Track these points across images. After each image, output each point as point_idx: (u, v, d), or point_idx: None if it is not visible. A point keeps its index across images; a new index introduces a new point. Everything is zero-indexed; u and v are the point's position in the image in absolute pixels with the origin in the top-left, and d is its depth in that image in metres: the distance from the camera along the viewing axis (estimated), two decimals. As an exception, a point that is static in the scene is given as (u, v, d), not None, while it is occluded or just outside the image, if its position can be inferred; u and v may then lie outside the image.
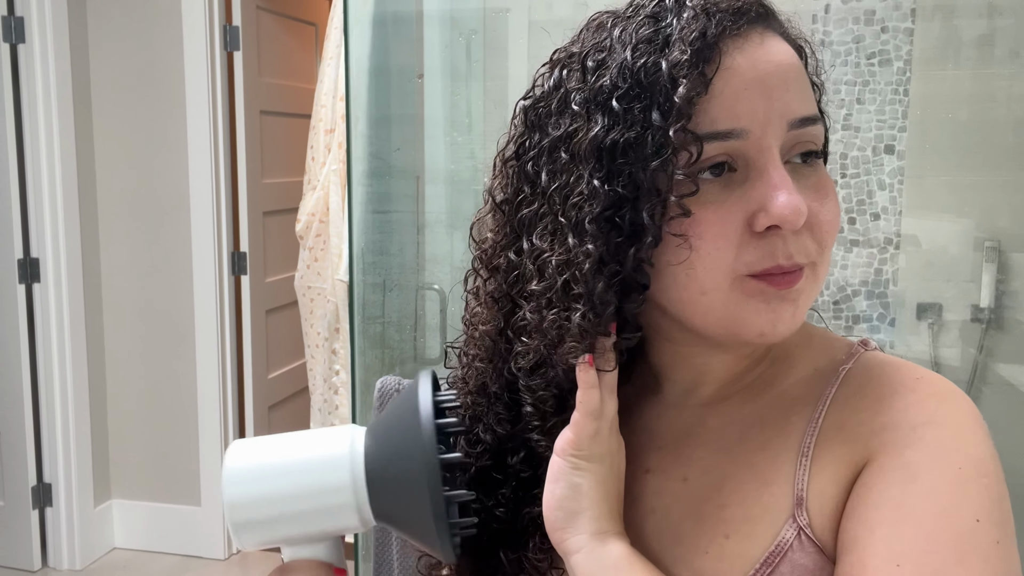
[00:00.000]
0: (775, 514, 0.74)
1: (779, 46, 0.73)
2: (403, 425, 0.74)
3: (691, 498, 0.80)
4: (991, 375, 2.26)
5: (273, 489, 0.73)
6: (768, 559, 0.73)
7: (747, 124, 0.70)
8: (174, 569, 4.02)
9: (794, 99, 0.72)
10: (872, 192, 2.27)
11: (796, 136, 0.72)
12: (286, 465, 0.74)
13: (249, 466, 0.74)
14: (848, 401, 0.76)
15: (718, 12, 0.71)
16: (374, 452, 0.74)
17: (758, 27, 0.73)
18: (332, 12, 3.49)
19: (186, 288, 3.98)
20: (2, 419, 3.91)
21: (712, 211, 0.71)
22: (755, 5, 0.74)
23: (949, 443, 0.70)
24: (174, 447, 4.10)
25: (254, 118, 4.12)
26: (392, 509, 0.74)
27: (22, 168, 3.79)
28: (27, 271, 3.82)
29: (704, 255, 0.71)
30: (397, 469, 0.73)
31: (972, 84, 2.23)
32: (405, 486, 0.72)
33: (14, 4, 3.67)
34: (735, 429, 0.81)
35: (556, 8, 2.46)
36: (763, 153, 0.70)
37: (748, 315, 0.73)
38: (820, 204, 0.73)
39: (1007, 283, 2.24)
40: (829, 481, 0.73)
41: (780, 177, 0.70)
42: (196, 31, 3.79)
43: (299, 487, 0.74)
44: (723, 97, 0.70)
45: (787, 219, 0.69)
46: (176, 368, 4.05)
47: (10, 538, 3.97)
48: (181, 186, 3.91)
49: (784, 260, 0.71)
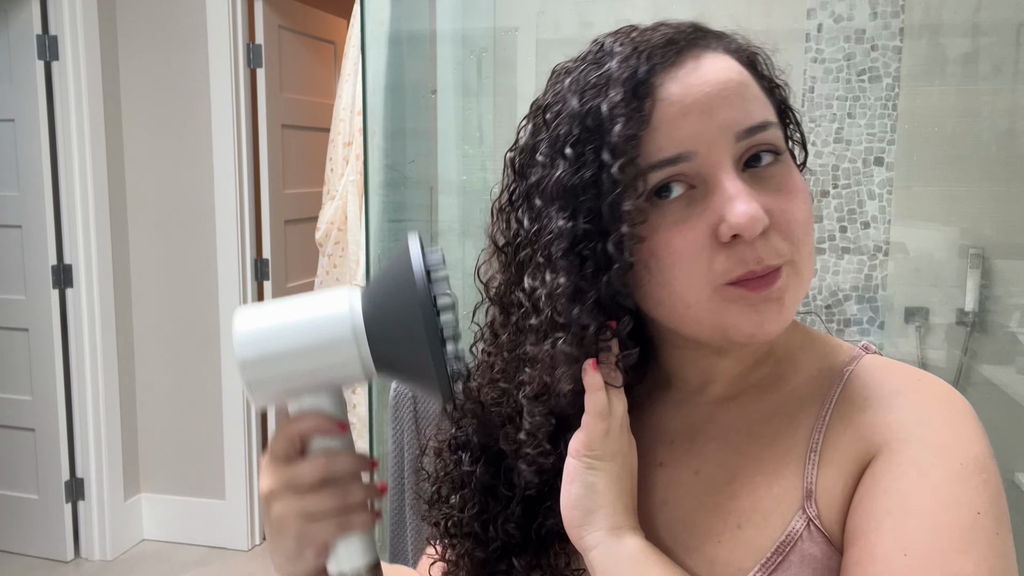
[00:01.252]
0: (785, 506, 0.75)
1: (717, 64, 0.73)
2: (394, 274, 0.74)
3: (703, 490, 0.80)
4: (975, 376, 2.25)
5: (281, 347, 0.74)
6: (779, 548, 0.73)
7: (691, 146, 0.70)
8: (200, 560, 4.02)
9: (737, 112, 0.72)
10: (862, 202, 2.26)
11: (748, 144, 0.72)
12: (291, 325, 0.75)
13: (257, 328, 0.75)
14: (853, 400, 0.77)
15: (649, 48, 0.72)
16: (371, 305, 0.75)
17: (693, 51, 0.73)
18: (350, 31, 3.49)
19: (211, 293, 3.99)
20: (37, 417, 3.93)
21: (678, 231, 0.72)
22: (687, 33, 0.75)
23: (951, 440, 0.70)
24: (200, 444, 4.11)
25: (276, 132, 4.12)
26: (391, 355, 0.75)
27: (56, 179, 3.80)
28: (60, 277, 3.83)
29: (679, 272, 0.72)
30: (392, 314, 0.74)
31: (957, 99, 2.22)
32: (401, 328, 0.73)
33: (48, 23, 3.68)
34: (744, 426, 0.81)
35: (562, 28, 2.45)
36: (715, 168, 0.71)
37: (735, 320, 0.73)
38: (785, 202, 0.73)
39: (990, 288, 2.23)
40: (836, 475, 0.74)
41: (735, 187, 0.70)
42: (221, 49, 3.80)
43: (304, 343, 0.74)
44: (664, 126, 0.71)
45: (744, 227, 0.69)
46: (202, 369, 4.06)
47: (44, 530, 3.98)
48: (207, 196, 3.92)
49: (755, 265, 0.71)
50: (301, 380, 0.76)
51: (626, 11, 2.39)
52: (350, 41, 3.45)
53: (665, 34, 0.74)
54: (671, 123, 0.71)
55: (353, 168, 3.45)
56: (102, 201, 3.84)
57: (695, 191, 0.72)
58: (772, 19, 2.31)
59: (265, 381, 0.75)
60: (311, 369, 0.75)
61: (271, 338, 0.75)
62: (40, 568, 3.91)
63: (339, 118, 3.53)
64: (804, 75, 2.26)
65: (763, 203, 0.71)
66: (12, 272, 3.88)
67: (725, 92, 0.71)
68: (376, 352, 0.74)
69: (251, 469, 4.10)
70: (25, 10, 3.65)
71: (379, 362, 0.75)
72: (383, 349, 0.74)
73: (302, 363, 0.75)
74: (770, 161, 0.73)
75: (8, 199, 3.83)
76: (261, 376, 0.75)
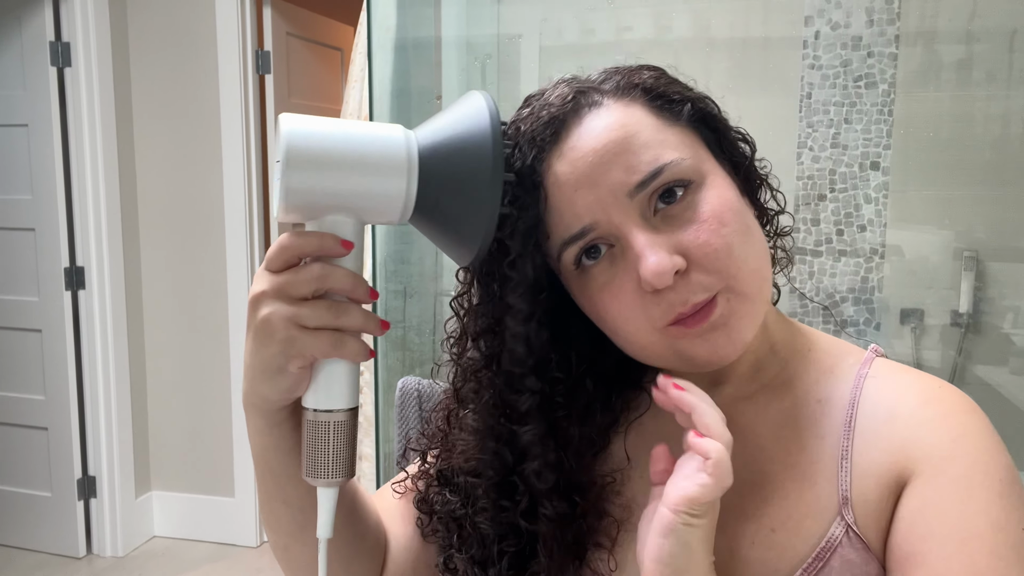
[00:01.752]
0: (820, 512, 0.75)
1: (597, 124, 0.73)
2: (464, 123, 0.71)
3: (732, 493, 0.75)
4: (969, 376, 2.25)
5: (333, 155, 0.68)
6: (820, 554, 0.74)
7: (591, 218, 0.72)
8: (209, 556, 4.02)
9: (622, 172, 0.71)
10: (859, 205, 2.26)
11: (646, 194, 0.71)
12: (347, 135, 0.69)
13: (311, 128, 0.68)
14: (878, 409, 0.77)
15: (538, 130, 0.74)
16: (431, 145, 0.71)
17: (576, 118, 0.74)
18: (357, 38, 3.48)
19: (221, 295, 3.99)
20: (50, 416, 3.93)
21: (608, 292, 0.73)
22: (567, 101, 0.74)
23: (985, 455, 0.72)
24: (210, 443, 4.11)
25: (284, 136, 4.12)
26: (439, 198, 0.70)
27: (68, 183, 3.81)
28: (73, 279, 3.84)
29: (623, 325, 0.74)
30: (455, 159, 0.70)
31: (952, 105, 2.21)
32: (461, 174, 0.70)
33: (61, 30, 3.69)
34: (767, 429, 0.81)
35: (565, 34, 2.44)
36: (619, 229, 0.71)
37: (689, 350, 0.73)
38: (702, 233, 0.71)
39: (984, 290, 2.22)
40: (872, 484, 0.74)
41: (639, 243, 0.70)
42: (230, 55, 3.81)
43: (357, 157, 0.68)
44: (562, 206, 0.72)
45: (654, 283, 0.69)
46: (212, 370, 4.06)
47: (57, 527, 3.98)
48: (216, 199, 3.92)
49: (682, 307, 0.71)
50: (338, 198, 0.69)
51: (627, 19, 2.39)
52: (357, 48, 3.45)
53: (549, 112, 0.74)
54: (567, 202, 0.72)
55: (359, 172, 3.45)
56: (114, 204, 3.85)
57: (615, 248, 0.73)
58: (770, 27, 2.31)
59: (304, 188, 0.68)
60: (353, 187, 0.69)
61: (325, 142, 0.68)
62: (53, 564, 3.92)
63: (346, 123, 3.53)
64: (802, 81, 2.26)
65: (677, 243, 0.71)
66: (26, 274, 3.89)
67: (607, 156, 0.71)
68: (423, 191, 0.70)
69: (259, 467, 4.09)
70: (38, 17, 3.66)
71: (421, 202, 0.71)
72: (432, 190, 0.70)
73: (348, 178, 0.69)
74: (680, 195, 0.72)
75: (22, 202, 3.84)
76: (303, 181, 0.68)
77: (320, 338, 0.69)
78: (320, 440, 0.72)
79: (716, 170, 0.75)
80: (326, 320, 0.69)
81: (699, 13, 2.36)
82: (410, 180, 0.70)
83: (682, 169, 0.72)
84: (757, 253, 0.74)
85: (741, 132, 0.81)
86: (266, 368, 0.71)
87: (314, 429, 0.72)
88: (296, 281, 0.69)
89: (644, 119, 0.73)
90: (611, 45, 2.41)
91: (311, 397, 0.73)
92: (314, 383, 0.73)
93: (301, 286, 0.69)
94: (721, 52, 2.33)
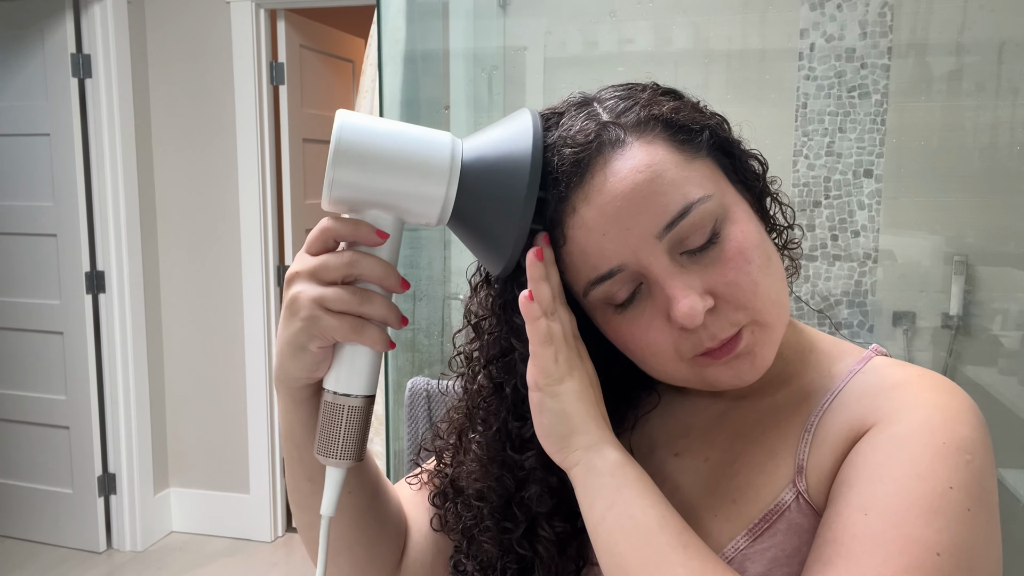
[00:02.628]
0: (777, 480, 0.75)
1: (623, 167, 0.70)
2: (509, 139, 0.71)
3: (710, 475, 0.80)
4: (960, 376, 2.24)
5: (381, 152, 0.69)
6: (766, 516, 0.74)
7: (619, 260, 0.70)
8: (225, 550, 4.03)
9: (651, 215, 0.69)
10: (853, 212, 2.26)
11: (674, 235, 0.70)
12: (397, 134, 0.70)
13: (363, 124, 0.69)
14: (854, 391, 0.77)
15: (563, 170, 0.71)
16: (475, 155, 0.71)
17: (599, 159, 0.71)
18: (367, 50, 3.47)
19: (236, 298, 4.00)
20: (71, 415, 3.94)
21: (638, 328, 0.73)
22: (590, 139, 0.71)
23: (938, 423, 0.69)
24: (226, 441, 4.12)
25: (297, 145, 4.13)
26: (476, 207, 0.71)
27: (89, 190, 3.81)
28: (94, 283, 3.85)
29: (650, 357, 0.74)
30: (496, 172, 0.70)
31: (942, 115, 2.21)
32: (501, 188, 0.69)
33: (82, 43, 3.70)
34: (754, 417, 0.82)
35: (568, 46, 2.44)
36: (648, 269, 0.70)
37: (713, 376, 0.73)
38: (728, 272, 0.71)
39: (974, 293, 2.23)
40: (828, 452, 0.74)
41: (670, 287, 0.70)
42: (245, 67, 3.82)
43: (404, 157, 0.69)
44: (588, 248, 0.71)
45: (686, 324, 0.69)
46: (228, 371, 4.07)
47: (78, 523, 4.00)
48: (232, 206, 3.93)
49: (710, 342, 0.71)
50: (380, 195, 0.70)
51: (629, 32, 2.39)
52: (367, 59, 3.44)
53: (573, 153, 0.71)
54: (595, 245, 0.70)
55: (370, 180, 3.45)
56: (133, 210, 3.86)
57: (643, 286, 0.72)
58: (767, 39, 2.31)
59: (349, 182, 0.70)
60: (395, 186, 0.70)
61: (374, 140, 0.69)
62: (74, 559, 3.93)
63: (357, 132, 3.52)
64: (798, 92, 2.27)
65: (705, 282, 0.70)
66: (48, 278, 3.90)
67: (635, 199, 0.69)
68: (461, 198, 0.71)
69: (274, 465, 4.10)
70: (60, 30, 3.67)
71: (459, 209, 0.71)
72: (470, 199, 0.71)
73: (391, 177, 0.70)
74: (704, 240, 0.71)
75: (44, 209, 3.85)
76: (349, 176, 0.69)
77: (341, 321, 0.70)
78: (334, 421, 0.74)
79: (736, 200, 0.74)
80: (349, 305, 0.70)
81: (698, 26, 2.37)
82: (450, 186, 0.70)
83: (708, 208, 0.70)
84: (778, 283, 0.74)
85: (754, 152, 0.80)
86: (290, 344, 0.72)
87: (330, 409, 0.74)
88: (327, 265, 0.71)
89: (667, 157, 0.71)
90: (613, 57, 2.41)
91: (331, 378, 0.74)
92: (335, 365, 0.74)
93: (332, 271, 0.71)
94: (719, 64, 2.34)
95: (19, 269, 3.95)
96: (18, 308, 3.97)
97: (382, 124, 0.71)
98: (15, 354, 4.02)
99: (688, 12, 2.38)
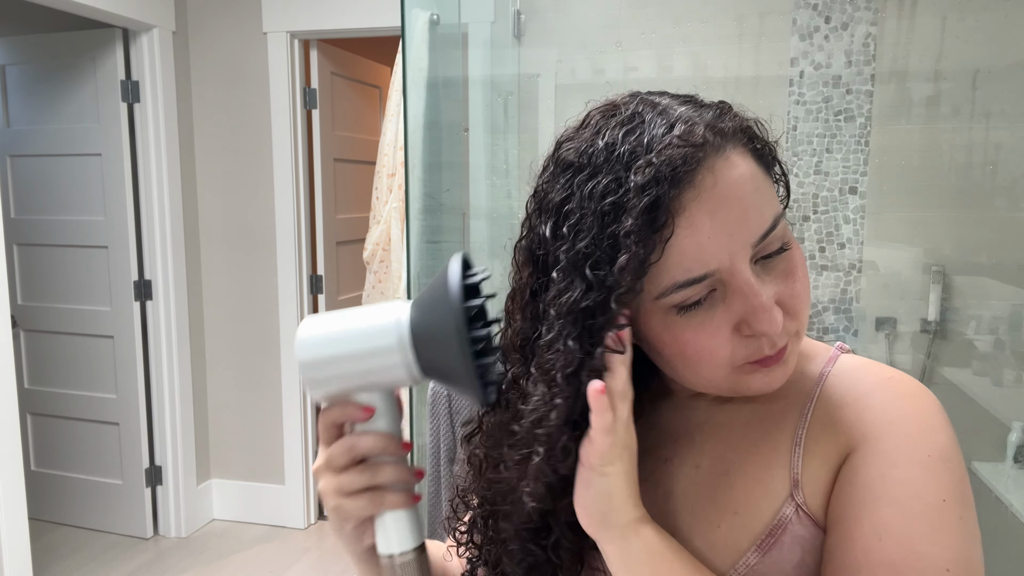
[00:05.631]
0: (775, 493, 0.74)
1: (731, 175, 0.66)
2: (436, 290, 0.71)
3: (704, 483, 0.78)
4: (937, 377, 2.25)
5: (333, 352, 0.73)
6: (772, 530, 0.73)
7: (715, 264, 0.66)
8: (263, 536, 4.04)
9: (753, 224, 0.67)
10: (839, 226, 2.27)
11: (762, 246, 0.68)
12: (344, 333, 0.73)
13: (315, 335, 0.73)
14: (831, 399, 0.75)
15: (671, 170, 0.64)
16: (417, 316, 0.72)
17: (707, 162, 0.66)
18: (393, 77, 3.42)
19: (272, 304, 4.01)
20: (121, 412, 3.96)
21: (703, 331, 0.69)
22: (702, 145, 0.66)
23: (918, 434, 0.69)
24: (262, 436, 4.13)
25: (329, 164, 4.13)
26: (433, 361, 0.71)
27: (137, 205, 3.83)
28: (142, 291, 3.87)
29: (702, 362, 0.70)
30: (432, 326, 0.70)
31: (921, 136, 2.22)
32: (439, 338, 0.69)
33: (131, 70, 3.72)
34: (738, 425, 0.79)
35: (577, 74, 2.45)
36: (736, 277, 0.67)
37: (748, 383, 0.72)
38: (792, 285, 0.70)
39: (950, 301, 2.23)
40: (819, 466, 0.73)
41: (754, 295, 0.67)
42: (281, 92, 3.84)
43: (353, 350, 0.72)
44: (689, 249, 0.66)
45: (769, 333, 0.68)
46: (264, 370, 4.08)
47: (127, 511, 4.02)
48: (268, 220, 3.96)
49: (770, 350, 0.70)
50: (352, 381, 0.74)
51: (633, 60, 2.40)
52: (393, 85, 3.40)
53: (680, 152, 0.65)
54: (697, 247, 0.66)
55: (396, 196, 3.46)
56: (177, 224, 3.89)
57: (715, 292, 0.68)
58: (760, 67, 2.32)
59: (320, 380, 0.74)
60: (360, 371, 0.73)
61: (326, 344, 0.73)
62: (123, 544, 3.95)
63: (383, 152, 3.50)
64: (788, 115, 2.27)
65: (775, 293, 0.69)
66: (99, 287, 3.92)
67: (743, 207, 0.66)
68: (421, 359, 0.72)
69: (307, 457, 4.10)
70: (111, 59, 3.69)
71: (425, 368, 0.72)
72: (427, 356, 0.71)
73: (351, 366, 0.73)
74: (781, 254, 0.70)
75: (96, 223, 3.87)
76: (316, 376, 0.73)
77: (360, 500, 0.74)
78: None
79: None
80: (363, 482, 0.73)
81: (697, 55, 2.37)
82: (404, 355, 0.72)
83: (785, 227, 0.70)
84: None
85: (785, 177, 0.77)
86: (332, 528, 0.77)
87: (388, 571, 0.76)
88: (333, 455, 0.74)
89: (756, 170, 0.69)
90: (619, 84, 2.41)
91: (381, 544, 0.76)
92: (378, 532, 0.76)
93: (339, 459, 0.74)
94: (716, 89, 2.35)
95: (73, 278, 3.96)
96: (72, 314, 3.99)
97: (333, 325, 0.74)
98: (70, 357, 4.03)
99: (688, 42, 2.38)
